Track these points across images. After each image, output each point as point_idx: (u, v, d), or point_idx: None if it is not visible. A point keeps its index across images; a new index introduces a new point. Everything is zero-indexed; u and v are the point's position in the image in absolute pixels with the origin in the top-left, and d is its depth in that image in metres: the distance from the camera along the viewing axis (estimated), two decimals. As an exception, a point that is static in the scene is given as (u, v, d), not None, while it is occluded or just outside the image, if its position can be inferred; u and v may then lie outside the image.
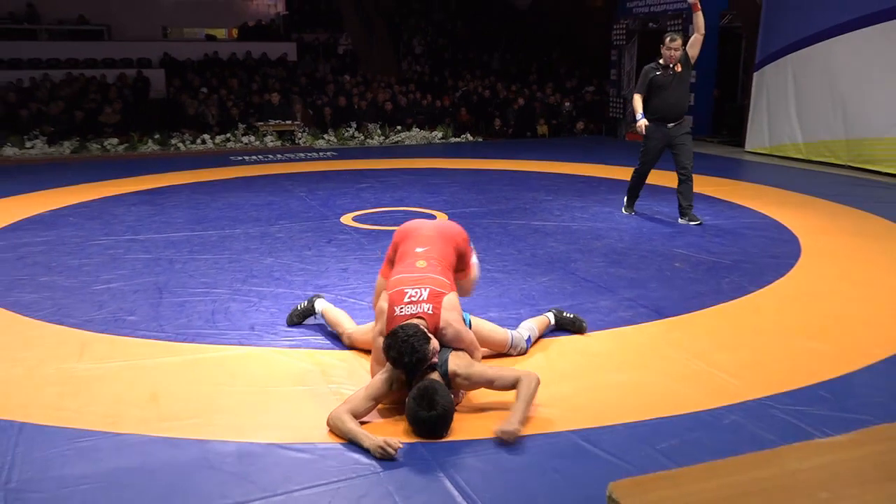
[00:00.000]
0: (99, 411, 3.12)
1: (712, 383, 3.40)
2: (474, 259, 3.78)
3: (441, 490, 2.55)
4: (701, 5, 6.37)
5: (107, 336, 3.98)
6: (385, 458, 2.71)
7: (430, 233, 3.57)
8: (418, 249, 3.44)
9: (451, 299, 3.25)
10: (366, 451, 2.76)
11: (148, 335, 4.00)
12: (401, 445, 2.76)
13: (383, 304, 3.29)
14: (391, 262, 3.60)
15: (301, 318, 4.14)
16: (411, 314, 3.15)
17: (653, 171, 6.97)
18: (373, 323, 3.57)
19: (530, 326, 3.87)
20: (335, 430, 2.91)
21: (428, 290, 3.23)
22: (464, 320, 3.35)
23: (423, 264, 3.36)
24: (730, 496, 1.55)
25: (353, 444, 2.83)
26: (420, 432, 2.90)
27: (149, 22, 18.33)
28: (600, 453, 2.78)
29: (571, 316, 4.07)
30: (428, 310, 3.17)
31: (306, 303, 4.15)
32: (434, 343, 3.04)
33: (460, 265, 3.59)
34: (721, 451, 2.74)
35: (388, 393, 3.06)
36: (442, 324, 3.16)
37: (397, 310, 3.19)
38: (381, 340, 3.16)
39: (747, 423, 3.01)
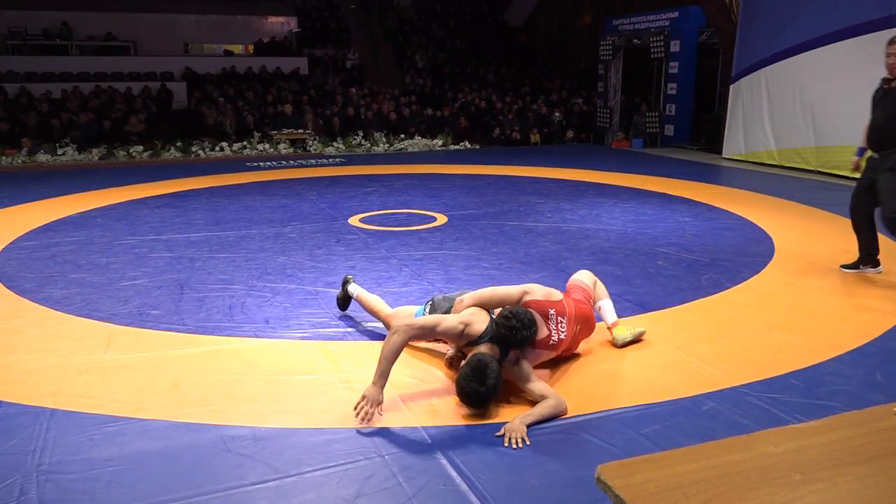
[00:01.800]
0: (124, 398, 3.11)
1: (692, 372, 3.39)
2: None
3: (441, 472, 2.54)
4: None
5: (132, 329, 3.97)
6: (360, 414, 2.79)
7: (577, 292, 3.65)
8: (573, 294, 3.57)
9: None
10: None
11: (170, 328, 3.98)
12: (379, 417, 2.85)
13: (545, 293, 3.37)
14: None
15: (345, 303, 4.18)
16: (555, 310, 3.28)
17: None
18: (410, 307, 3.78)
19: None
20: (390, 341, 2.91)
21: (566, 329, 3.32)
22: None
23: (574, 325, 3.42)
24: (709, 477, 1.54)
25: (378, 362, 2.88)
26: (466, 401, 2.93)
27: (171, 38, 18.32)
28: (589, 437, 2.77)
29: None
30: (560, 331, 3.28)
31: (341, 289, 4.20)
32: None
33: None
34: (701, 436, 2.73)
35: (454, 338, 3.13)
36: (548, 337, 3.23)
37: (550, 312, 3.28)
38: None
39: (725, 410, 3.00)
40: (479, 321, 3.17)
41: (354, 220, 6.92)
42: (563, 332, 3.29)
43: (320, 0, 20.91)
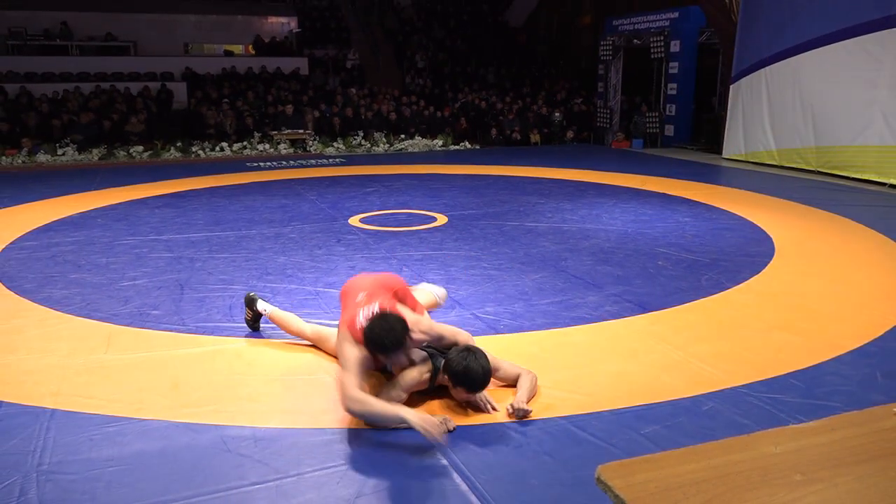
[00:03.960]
0: (124, 399, 3.11)
1: (692, 373, 3.39)
2: (420, 295, 3.63)
3: (441, 472, 2.54)
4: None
5: (132, 329, 3.97)
6: (436, 434, 2.57)
7: (366, 282, 3.33)
8: (359, 297, 3.17)
9: (403, 310, 3.11)
10: (408, 429, 2.64)
11: (170, 328, 3.98)
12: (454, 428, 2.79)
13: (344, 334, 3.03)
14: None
15: (255, 324, 3.87)
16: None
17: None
18: (330, 329, 3.54)
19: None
20: (362, 412, 2.73)
21: (377, 304, 3.06)
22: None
23: (362, 298, 3.16)
24: (710, 478, 1.54)
25: (388, 422, 2.71)
26: (480, 383, 2.88)
27: (172, 39, 18.32)
28: (589, 438, 2.77)
29: None
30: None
31: (247, 310, 3.86)
32: (413, 336, 2.94)
33: (408, 306, 3.32)
34: (701, 436, 2.73)
35: (419, 384, 3.01)
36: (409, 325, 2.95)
37: (360, 318, 2.99)
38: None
39: (725, 410, 3.00)
40: (415, 363, 3.00)
41: (354, 221, 6.92)
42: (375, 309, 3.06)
43: (320, 0, 20.91)
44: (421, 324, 3.08)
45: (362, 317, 2.99)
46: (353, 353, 2.90)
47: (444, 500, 2.37)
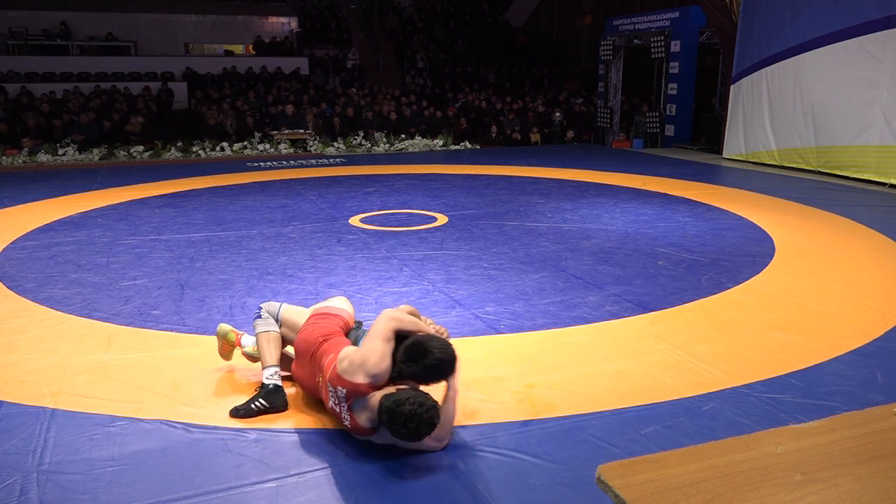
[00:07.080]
0: (125, 398, 3.11)
1: (693, 373, 3.39)
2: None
3: (441, 472, 2.54)
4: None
5: (132, 329, 3.97)
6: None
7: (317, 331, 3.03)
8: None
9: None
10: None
11: (170, 328, 3.98)
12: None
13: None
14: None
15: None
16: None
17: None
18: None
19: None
20: (402, 323, 2.70)
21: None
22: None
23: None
24: (710, 478, 1.54)
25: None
26: (443, 372, 2.65)
27: (172, 38, 18.34)
28: (589, 438, 2.77)
29: None
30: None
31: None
32: None
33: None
34: (701, 436, 2.73)
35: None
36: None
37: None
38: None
39: (725, 410, 3.00)
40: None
41: (355, 220, 6.92)
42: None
43: (320, 0, 20.93)
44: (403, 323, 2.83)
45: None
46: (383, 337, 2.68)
47: (444, 500, 2.37)
